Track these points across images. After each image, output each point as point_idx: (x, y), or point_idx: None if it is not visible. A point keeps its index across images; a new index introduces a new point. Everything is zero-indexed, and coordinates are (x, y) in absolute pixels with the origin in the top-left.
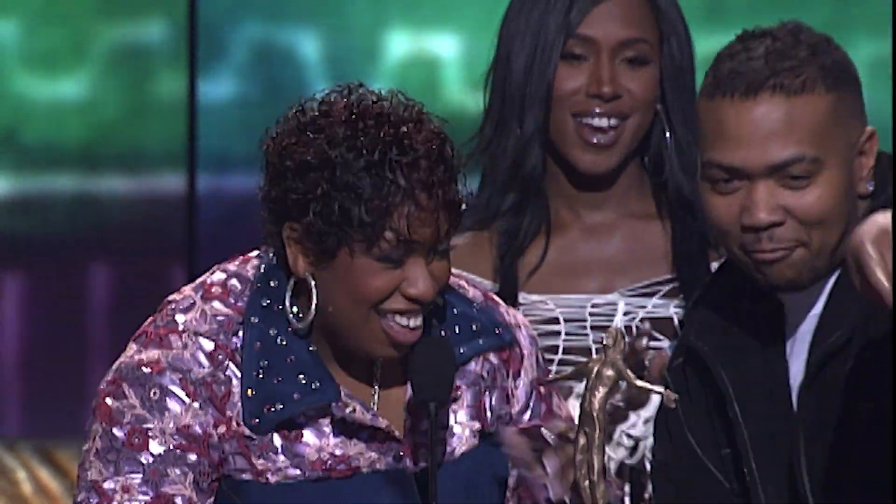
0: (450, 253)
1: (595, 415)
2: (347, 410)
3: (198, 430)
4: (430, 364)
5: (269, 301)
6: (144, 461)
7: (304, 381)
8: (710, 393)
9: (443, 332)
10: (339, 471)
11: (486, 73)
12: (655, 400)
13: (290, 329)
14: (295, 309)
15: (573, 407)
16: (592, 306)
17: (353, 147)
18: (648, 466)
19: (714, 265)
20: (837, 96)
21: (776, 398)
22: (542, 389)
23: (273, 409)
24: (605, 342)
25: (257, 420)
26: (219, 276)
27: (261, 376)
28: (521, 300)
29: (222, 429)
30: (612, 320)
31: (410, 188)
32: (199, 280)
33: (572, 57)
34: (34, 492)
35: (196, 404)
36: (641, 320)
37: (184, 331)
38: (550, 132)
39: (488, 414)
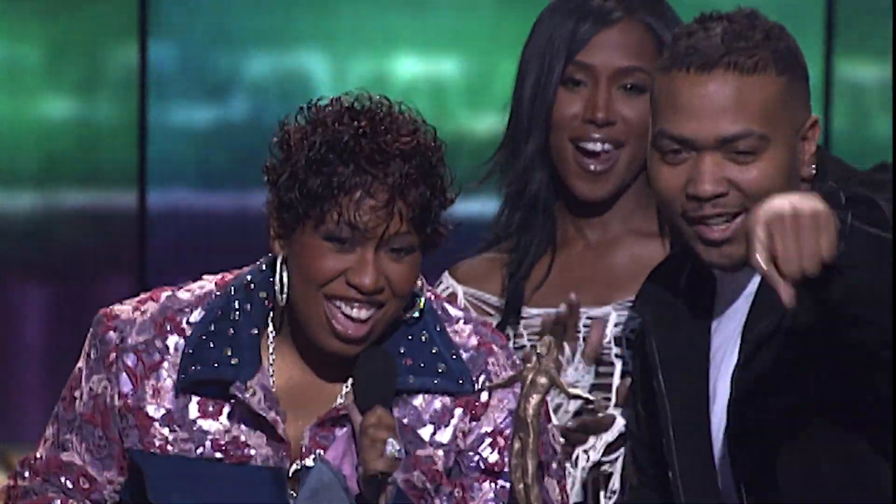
0: (414, 265)
1: (529, 421)
2: (247, 394)
3: (108, 399)
4: (372, 373)
5: (252, 282)
6: (65, 416)
7: (228, 354)
8: (647, 363)
9: (406, 362)
10: (234, 456)
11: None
12: (617, 426)
13: (250, 310)
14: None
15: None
16: (587, 318)
17: (331, 132)
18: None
19: None
20: (787, 80)
21: (694, 371)
22: (500, 442)
23: (194, 369)
24: (538, 351)
25: (183, 375)
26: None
27: (203, 338)
28: (523, 314)
29: (129, 401)
30: (604, 331)
31: (369, 179)
32: None
33: (572, 83)
34: None
35: (113, 371)
36: (632, 331)
37: (156, 297)
38: (552, 155)
39: (427, 446)
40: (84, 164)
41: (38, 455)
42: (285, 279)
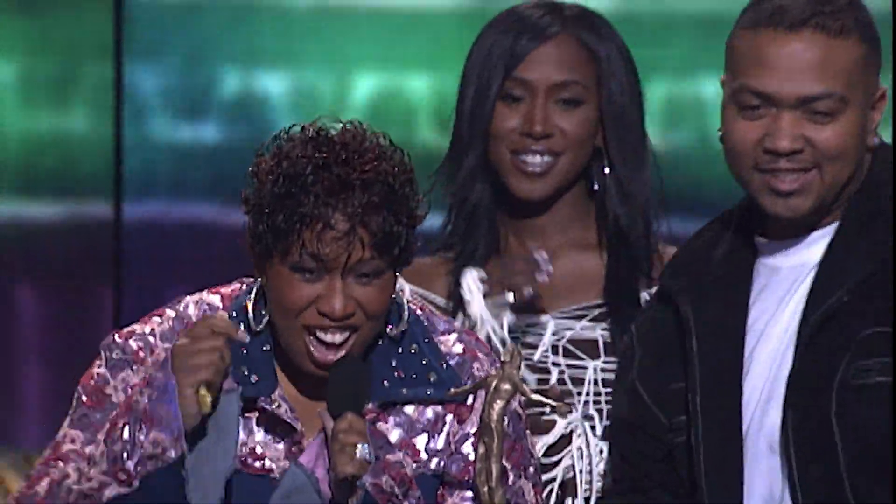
0: (385, 287)
1: (493, 426)
2: (274, 406)
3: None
4: (345, 379)
5: (246, 302)
6: (94, 417)
7: (245, 373)
8: (672, 331)
9: (398, 374)
10: (253, 468)
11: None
12: (557, 428)
13: (256, 328)
14: (263, 312)
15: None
16: (526, 325)
17: (293, 165)
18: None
19: (644, 294)
20: (868, 48)
21: (730, 341)
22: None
23: None
24: (502, 358)
25: None
26: (233, 284)
27: None
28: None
29: None
30: (541, 338)
31: (328, 208)
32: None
33: (511, 98)
34: None
35: (142, 370)
36: (569, 340)
37: (167, 314)
38: (492, 165)
39: (422, 455)
40: (61, 176)
41: (57, 456)
42: (260, 308)
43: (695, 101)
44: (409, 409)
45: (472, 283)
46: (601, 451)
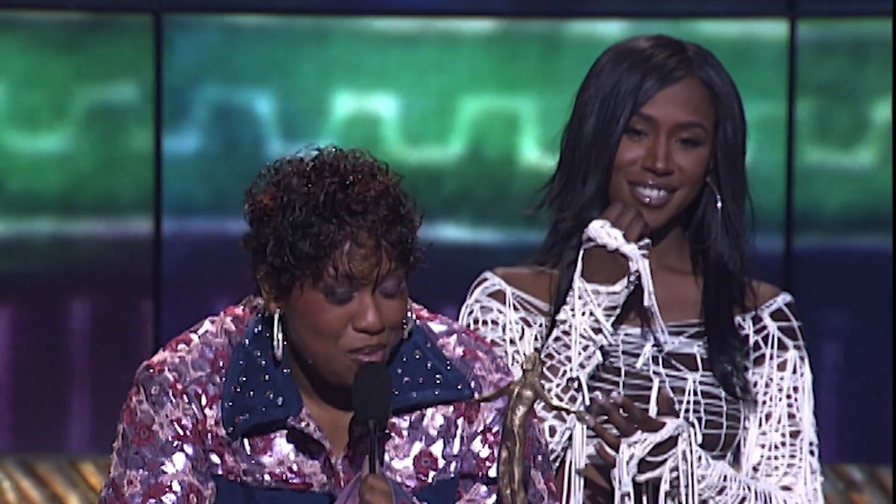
0: (404, 296)
1: (516, 431)
2: (303, 424)
3: (187, 422)
4: (369, 387)
5: (261, 329)
6: (147, 454)
7: (271, 397)
8: None
9: (405, 380)
10: (293, 484)
11: (563, 128)
12: (666, 430)
13: (273, 354)
14: (281, 336)
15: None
16: (625, 335)
17: (305, 193)
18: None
19: (737, 318)
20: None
21: None
22: (489, 438)
23: (241, 419)
24: (524, 366)
25: (231, 428)
26: (241, 305)
27: (238, 390)
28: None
29: (204, 424)
30: (641, 349)
31: (352, 227)
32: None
33: (634, 132)
34: (17, 501)
35: (184, 399)
36: (668, 353)
37: (194, 341)
38: (609, 193)
39: (440, 462)
40: (102, 191)
41: (125, 495)
42: (280, 337)
43: None
44: (424, 421)
45: (605, 229)
46: (699, 458)
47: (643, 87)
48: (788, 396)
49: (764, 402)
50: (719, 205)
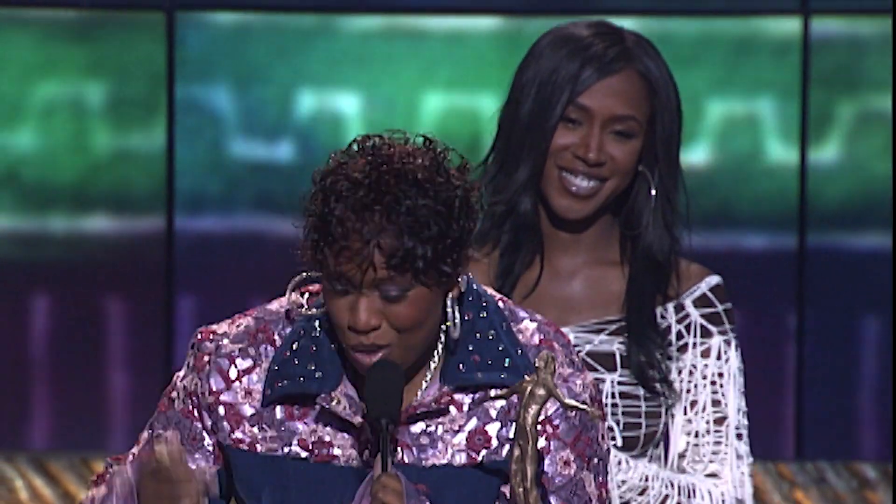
0: (415, 303)
1: (528, 429)
2: (333, 403)
3: (196, 395)
4: (381, 385)
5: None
6: (168, 416)
7: (312, 369)
8: None
9: (474, 358)
10: (319, 455)
11: (499, 110)
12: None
13: (330, 328)
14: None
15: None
16: None
17: (335, 180)
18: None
19: (659, 309)
20: None
21: None
22: (549, 430)
23: (280, 384)
24: (537, 364)
25: (269, 391)
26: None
27: (287, 355)
28: None
29: (220, 397)
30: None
31: (344, 228)
32: None
33: (569, 120)
34: (30, 499)
35: (206, 370)
36: (587, 353)
37: (251, 314)
38: (541, 179)
39: (493, 442)
40: (116, 189)
41: (130, 453)
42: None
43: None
44: (486, 400)
45: None
46: (619, 462)
47: (581, 76)
48: (713, 383)
49: (688, 391)
50: (653, 192)
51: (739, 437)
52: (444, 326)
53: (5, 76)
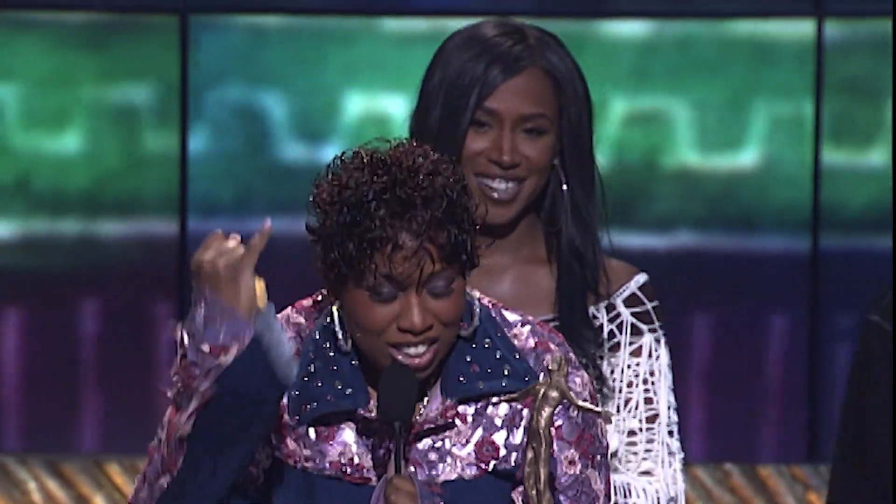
0: (457, 295)
1: (541, 432)
2: (371, 415)
3: None
4: (394, 388)
5: (329, 321)
6: None
7: (339, 387)
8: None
9: (473, 369)
10: (351, 476)
11: (408, 118)
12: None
13: (343, 345)
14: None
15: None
16: None
17: (354, 191)
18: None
19: (591, 308)
20: None
21: None
22: (554, 433)
23: (308, 407)
24: (549, 367)
25: (297, 417)
26: (311, 298)
27: (305, 379)
28: None
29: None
30: None
31: (395, 230)
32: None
33: (479, 124)
34: (43, 501)
35: None
36: None
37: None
38: None
39: (502, 451)
40: (128, 192)
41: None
42: (344, 327)
43: None
44: (489, 409)
45: None
46: None
47: (486, 78)
48: (645, 381)
49: (621, 390)
50: (565, 187)
51: (671, 433)
52: None
53: (18, 81)
